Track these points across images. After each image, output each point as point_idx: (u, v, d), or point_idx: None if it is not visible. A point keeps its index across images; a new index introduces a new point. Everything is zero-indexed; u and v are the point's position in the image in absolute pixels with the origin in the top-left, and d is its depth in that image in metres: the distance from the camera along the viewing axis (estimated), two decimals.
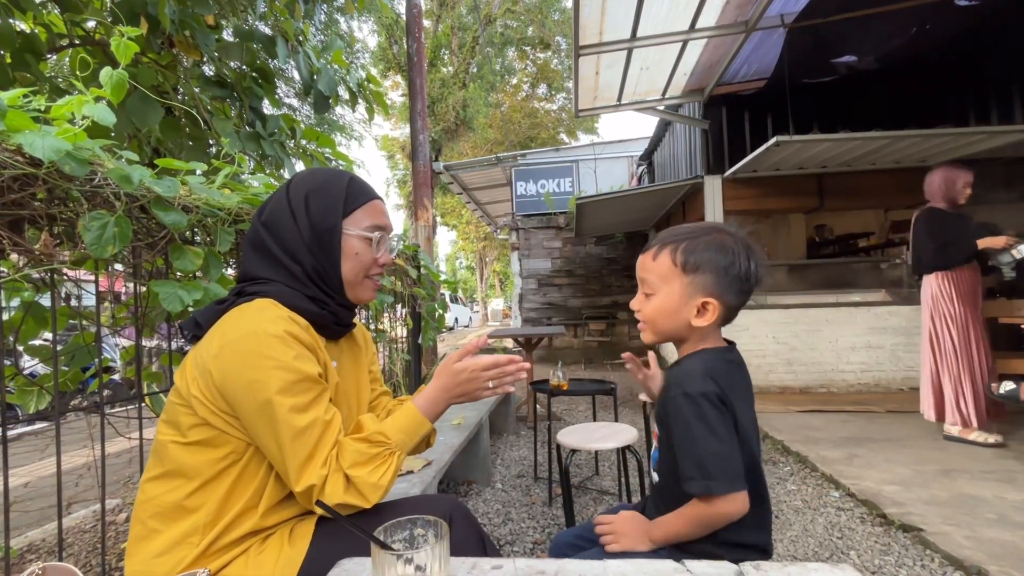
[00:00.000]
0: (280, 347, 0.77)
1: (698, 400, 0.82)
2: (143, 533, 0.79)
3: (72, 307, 1.07)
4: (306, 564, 0.79)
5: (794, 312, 4.62)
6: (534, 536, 2.12)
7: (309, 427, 0.77)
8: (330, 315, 0.89)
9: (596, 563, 0.67)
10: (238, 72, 2.42)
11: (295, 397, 0.77)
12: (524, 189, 9.17)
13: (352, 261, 0.90)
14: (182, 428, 0.79)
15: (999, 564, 1.65)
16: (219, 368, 0.76)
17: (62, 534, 1.06)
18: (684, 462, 0.82)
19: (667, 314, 0.89)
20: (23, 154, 0.78)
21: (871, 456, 2.77)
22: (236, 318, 0.80)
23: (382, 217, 0.95)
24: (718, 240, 0.87)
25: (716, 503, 0.79)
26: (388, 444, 0.84)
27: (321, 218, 0.88)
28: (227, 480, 0.80)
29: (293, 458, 0.76)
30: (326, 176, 0.92)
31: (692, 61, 4.35)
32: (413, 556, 0.55)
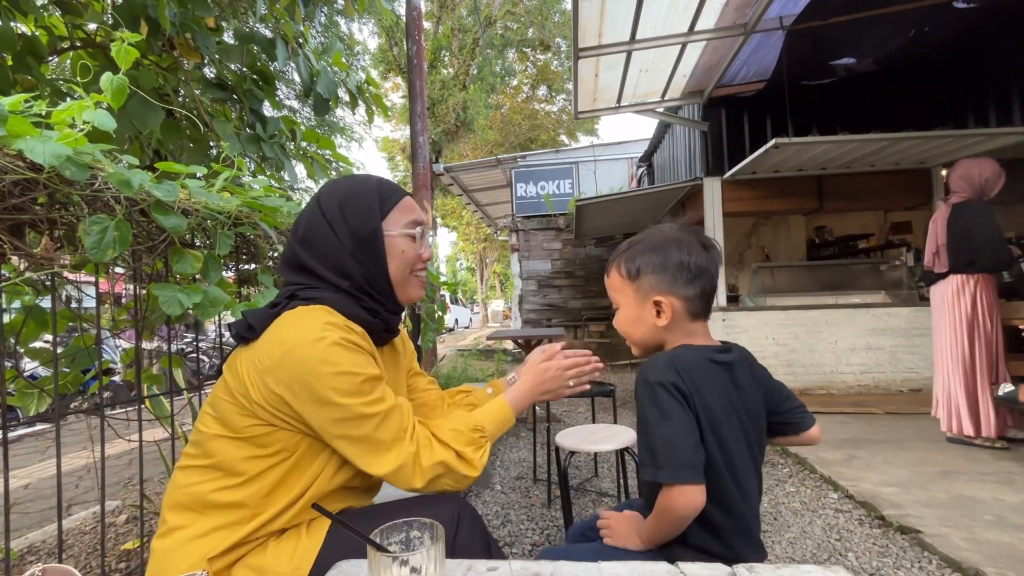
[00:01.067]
0: (343, 352, 0.78)
1: (654, 387, 0.83)
2: (182, 517, 0.80)
3: (72, 310, 1.08)
4: (322, 554, 0.81)
5: (794, 313, 4.63)
6: (533, 538, 2.12)
7: (388, 413, 0.81)
8: (381, 322, 0.91)
9: (591, 565, 0.68)
10: (238, 74, 2.43)
11: (366, 396, 0.79)
12: (524, 190, 9.18)
13: (398, 260, 0.91)
14: (234, 426, 0.80)
15: (997, 566, 1.65)
16: (283, 377, 0.77)
17: (62, 536, 1.07)
18: (639, 448, 0.85)
19: (633, 323, 0.94)
20: (24, 159, 0.79)
21: (870, 458, 2.77)
22: (295, 324, 0.80)
23: (417, 212, 0.96)
24: (651, 241, 0.92)
25: (668, 493, 0.79)
26: (484, 432, 0.91)
27: (361, 224, 0.88)
28: (272, 477, 0.82)
29: (378, 445, 0.80)
30: (354, 183, 0.92)
31: (691, 63, 4.35)
32: (408, 558, 0.56)
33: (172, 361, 1.40)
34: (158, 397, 1.49)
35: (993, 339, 2.79)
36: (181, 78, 2.25)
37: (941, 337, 2.92)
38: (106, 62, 2.08)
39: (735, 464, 0.84)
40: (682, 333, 0.92)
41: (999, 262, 2.75)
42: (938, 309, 2.94)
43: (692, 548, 0.85)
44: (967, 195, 2.82)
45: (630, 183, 9.30)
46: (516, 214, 9.05)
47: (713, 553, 0.84)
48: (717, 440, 0.83)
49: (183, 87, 2.28)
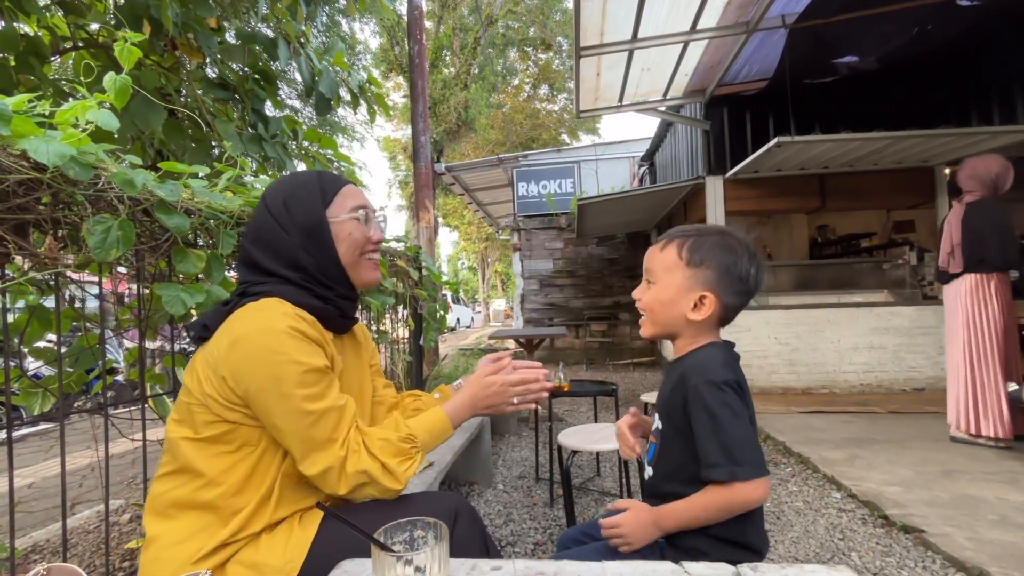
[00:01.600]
0: (289, 342, 0.79)
1: (722, 387, 0.84)
2: (161, 525, 0.81)
3: (76, 310, 1.08)
4: (314, 547, 0.82)
5: (796, 313, 4.62)
6: (535, 537, 2.12)
7: (325, 413, 0.81)
8: (334, 309, 0.92)
9: (594, 564, 0.68)
10: (240, 74, 2.43)
11: (308, 388, 0.80)
12: (526, 190, 9.17)
13: (346, 244, 0.92)
14: (195, 425, 0.81)
15: (1000, 565, 1.64)
16: (232, 366, 0.79)
17: (66, 534, 1.07)
18: (707, 448, 0.82)
19: (665, 303, 0.93)
20: (28, 159, 0.79)
21: (873, 457, 2.76)
22: (244, 317, 0.83)
23: (360, 197, 0.97)
24: (724, 241, 0.91)
25: (740, 488, 0.80)
26: (415, 443, 0.89)
27: (306, 216, 0.90)
28: (239, 473, 0.82)
29: (311, 443, 0.80)
30: (295, 178, 0.95)
31: (693, 62, 4.34)
32: (413, 558, 0.56)
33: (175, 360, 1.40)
34: (161, 396, 1.50)
35: (1007, 338, 2.76)
36: (183, 78, 2.25)
37: (955, 336, 2.88)
38: (108, 62, 2.08)
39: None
40: (702, 331, 0.93)
41: (1009, 260, 2.73)
42: (952, 308, 2.91)
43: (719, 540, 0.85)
44: (981, 193, 2.78)
45: (632, 182, 9.29)
46: (518, 213, 9.05)
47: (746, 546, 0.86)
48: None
49: (185, 87, 2.29)
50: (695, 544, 0.86)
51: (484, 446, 2.72)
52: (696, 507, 0.84)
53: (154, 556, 0.80)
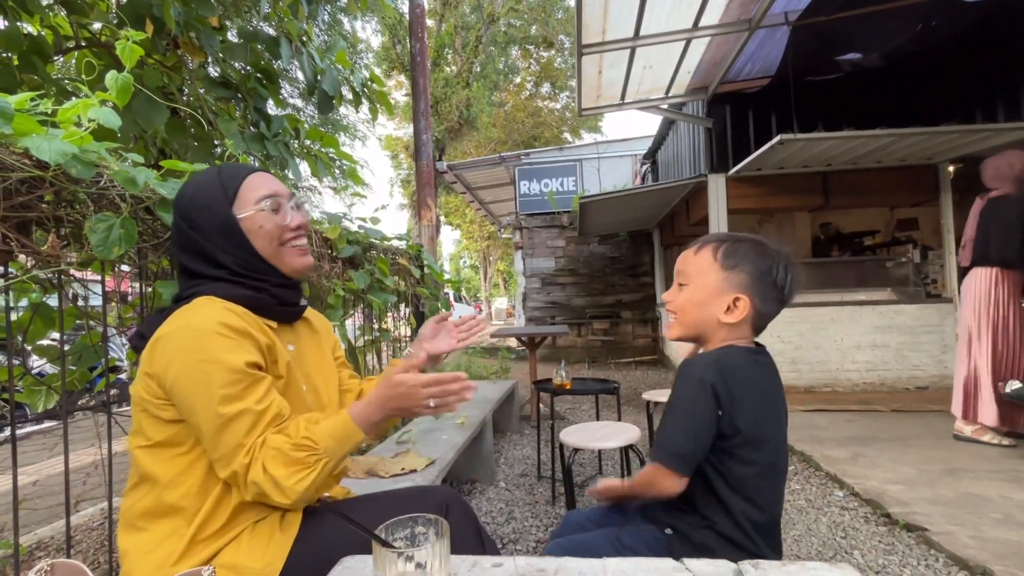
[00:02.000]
0: (207, 341, 0.78)
1: (693, 382, 0.87)
2: (131, 536, 0.82)
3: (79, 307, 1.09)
4: (295, 549, 0.82)
5: (799, 311, 4.60)
6: (537, 535, 2.13)
7: (239, 416, 0.77)
8: (270, 297, 0.91)
9: (595, 561, 0.68)
10: (242, 73, 2.44)
11: (226, 388, 0.77)
12: (528, 188, 9.16)
13: (261, 237, 0.90)
14: (146, 433, 0.81)
15: (1004, 564, 1.64)
16: (154, 364, 0.78)
17: (70, 531, 1.08)
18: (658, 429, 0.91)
19: (698, 304, 0.93)
20: (30, 157, 0.80)
21: (876, 456, 2.76)
22: (171, 318, 0.82)
23: (267, 186, 0.92)
24: (760, 247, 0.93)
25: (659, 472, 0.87)
26: (315, 450, 0.80)
27: (213, 218, 0.88)
28: (198, 472, 0.82)
29: (221, 447, 0.78)
30: (196, 180, 0.92)
31: (695, 59, 4.33)
32: (414, 554, 0.56)
33: None
34: None
35: (1012, 334, 2.75)
36: (185, 77, 2.25)
37: (963, 330, 2.91)
38: (111, 61, 2.08)
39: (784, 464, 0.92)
40: (729, 336, 0.93)
41: (1006, 257, 2.72)
42: (964, 304, 2.91)
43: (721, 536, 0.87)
44: (1006, 189, 2.76)
45: (634, 180, 9.27)
46: (519, 212, 9.04)
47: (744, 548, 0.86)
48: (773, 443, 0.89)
49: (187, 86, 2.29)
50: (702, 539, 0.87)
51: (486, 444, 2.72)
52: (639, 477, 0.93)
53: (128, 569, 0.80)
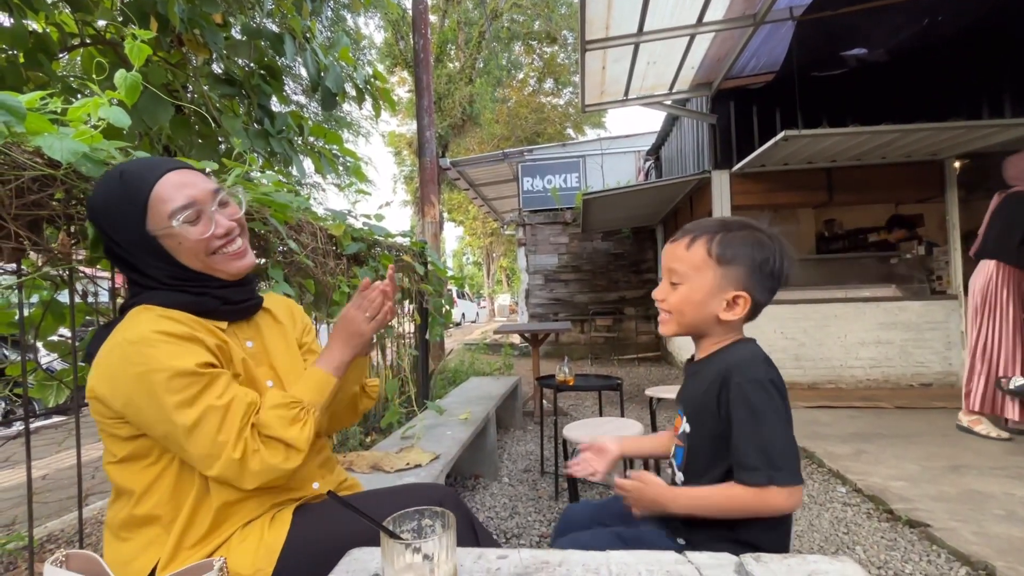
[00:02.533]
0: (146, 350, 0.74)
1: (767, 386, 0.80)
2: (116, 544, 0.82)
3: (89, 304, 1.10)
4: (285, 550, 0.82)
5: (803, 307, 4.60)
6: (540, 529, 2.14)
7: (202, 418, 0.75)
8: (212, 299, 0.86)
9: (599, 554, 0.69)
10: (246, 70, 2.45)
11: (176, 394, 0.74)
12: (531, 185, 9.15)
13: (184, 252, 0.82)
14: (111, 449, 0.81)
15: (1006, 560, 1.64)
16: (99, 386, 0.76)
17: (83, 523, 1.10)
18: (745, 448, 0.78)
19: (695, 305, 0.88)
20: (42, 156, 0.81)
21: (879, 452, 2.76)
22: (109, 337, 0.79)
23: (179, 195, 0.81)
24: (754, 236, 0.87)
25: (775, 494, 0.76)
26: (302, 404, 0.85)
27: (128, 236, 0.81)
28: (168, 480, 0.81)
29: (195, 450, 0.76)
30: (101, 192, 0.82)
31: (700, 55, 4.31)
32: (421, 546, 0.57)
33: None
34: None
35: (1006, 327, 2.80)
36: (190, 74, 2.26)
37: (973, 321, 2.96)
38: (116, 59, 2.10)
39: None
40: (731, 330, 0.91)
41: (1003, 251, 2.78)
42: (970, 295, 2.99)
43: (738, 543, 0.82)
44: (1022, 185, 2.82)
45: (637, 176, 9.25)
46: (523, 208, 9.04)
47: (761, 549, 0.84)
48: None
49: (192, 83, 2.30)
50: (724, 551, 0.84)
51: (490, 440, 2.73)
52: (718, 497, 0.81)
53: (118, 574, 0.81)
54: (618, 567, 0.66)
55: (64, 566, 0.67)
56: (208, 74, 2.40)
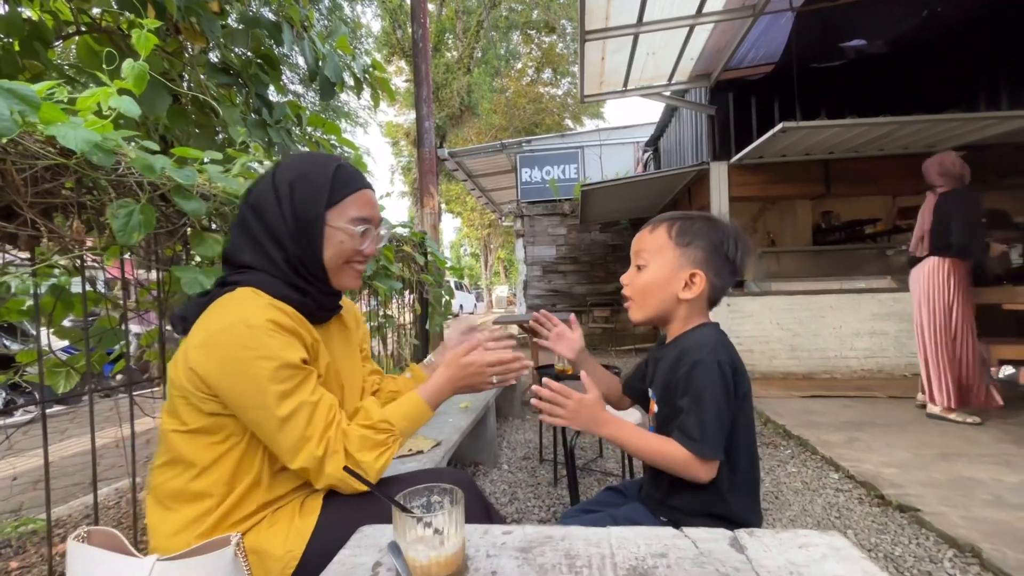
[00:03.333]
0: (261, 337, 0.78)
1: (714, 367, 0.87)
2: (160, 514, 0.84)
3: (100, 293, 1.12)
4: (315, 534, 0.84)
5: (799, 299, 4.64)
6: (540, 515, 2.19)
7: (296, 411, 0.79)
8: (312, 302, 0.90)
9: (599, 529, 0.72)
10: (243, 59, 2.43)
11: (279, 384, 0.78)
12: (529, 176, 9.14)
13: (335, 249, 0.90)
14: (182, 417, 0.82)
15: (992, 542, 1.69)
16: (202, 360, 0.78)
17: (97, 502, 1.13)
18: (688, 420, 0.86)
19: (656, 285, 0.95)
20: (53, 145, 0.82)
21: (871, 440, 2.81)
22: (218, 310, 0.82)
23: (368, 208, 0.93)
24: (712, 223, 0.95)
25: (698, 464, 0.85)
26: (392, 431, 0.88)
27: (304, 208, 0.87)
28: (229, 462, 0.83)
29: (284, 441, 0.80)
30: (312, 163, 0.91)
31: (699, 46, 4.31)
32: (432, 520, 0.60)
33: None
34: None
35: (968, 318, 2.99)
36: (186, 63, 2.25)
37: (921, 315, 3.12)
38: (112, 47, 2.09)
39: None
40: (693, 312, 0.96)
41: (966, 248, 2.95)
42: (916, 291, 3.16)
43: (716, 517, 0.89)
44: (952, 185, 3.03)
45: (636, 168, 9.24)
46: (521, 199, 9.04)
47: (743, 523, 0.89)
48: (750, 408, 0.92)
49: (188, 72, 2.29)
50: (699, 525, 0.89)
51: (489, 428, 2.77)
52: (654, 444, 0.88)
53: (155, 545, 0.83)
54: (618, 541, 0.69)
55: (86, 542, 0.69)
56: (205, 63, 2.39)
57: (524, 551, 0.67)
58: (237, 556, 0.71)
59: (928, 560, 1.70)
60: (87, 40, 2.16)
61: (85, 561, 0.68)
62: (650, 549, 0.66)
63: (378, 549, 0.69)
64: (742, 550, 0.66)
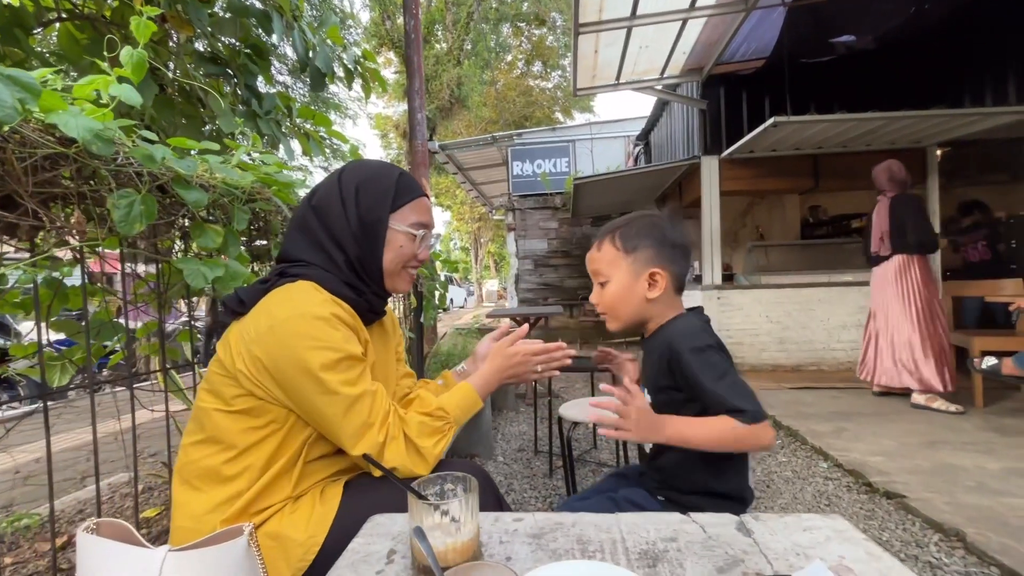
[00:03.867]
0: (326, 328, 0.82)
1: (713, 348, 0.89)
2: (188, 493, 0.84)
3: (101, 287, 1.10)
4: (336, 521, 0.85)
5: (787, 292, 4.70)
6: (537, 505, 2.21)
7: (360, 398, 0.83)
8: (365, 303, 0.94)
9: (609, 516, 0.73)
10: (232, 48, 2.38)
11: (343, 373, 0.82)
12: (520, 169, 9.12)
13: (394, 253, 0.95)
14: (225, 398, 0.84)
15: (976, 527, 1.75)
16: (268, 347, 0.81)
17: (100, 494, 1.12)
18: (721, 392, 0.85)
19: (623, 295, 0.98)
20: (52, 133, 0.80)
21: (859, 430, 2.87)
22: (282, 299, 0.84)
23: (427, 215, 0.99)
24: (648, 220, 0.98)
25: (764, 428, 0.84)
26: (448, 419, 0.93)
27: (369, 210, 0.92)
28: (268, 448, 0.85)
29: (348, 427, 0.83)
30: (378, 169, 0.97)
31: (691, 40, 4.32)
32: (448, 507, 0.61)
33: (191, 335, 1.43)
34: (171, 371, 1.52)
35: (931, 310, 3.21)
36: (173, 52, 2.20)
37: (889, 308, 3.32)
38: (94, 34, 2.04)
39: None
40: (666, 306, 0.99)
41: (924, 244, 3.22)
42: (880, 286, 3.40)
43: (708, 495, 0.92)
44: (899, 189, 3.32)
45: (627, 162, 9.27)
46: (512, 193, 9.02)
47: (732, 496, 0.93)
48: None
49: (175, 61, 2.24)
50: (697, 503, 0.92)
51: (485, 421, 2.79)
52: (710, 429, 0.85)
53: (184, 524, 0.83)
54: (628, 527, 0.70)
55: (95, 533, 0.69)
56: (192, 52, 2.33)
57: (536, 537, 0.68)
58: (250, 546, 0.71)
59: (915, 544, 1.75)
60: (68, 27, 2.11)
61: (95, 553, 0.68)
62: (660, 534, 0.68)
63: (391, 537, 0.70)
64: (749, 534, 0.67)
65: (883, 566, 0.59)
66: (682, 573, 0.59)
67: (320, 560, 0.82)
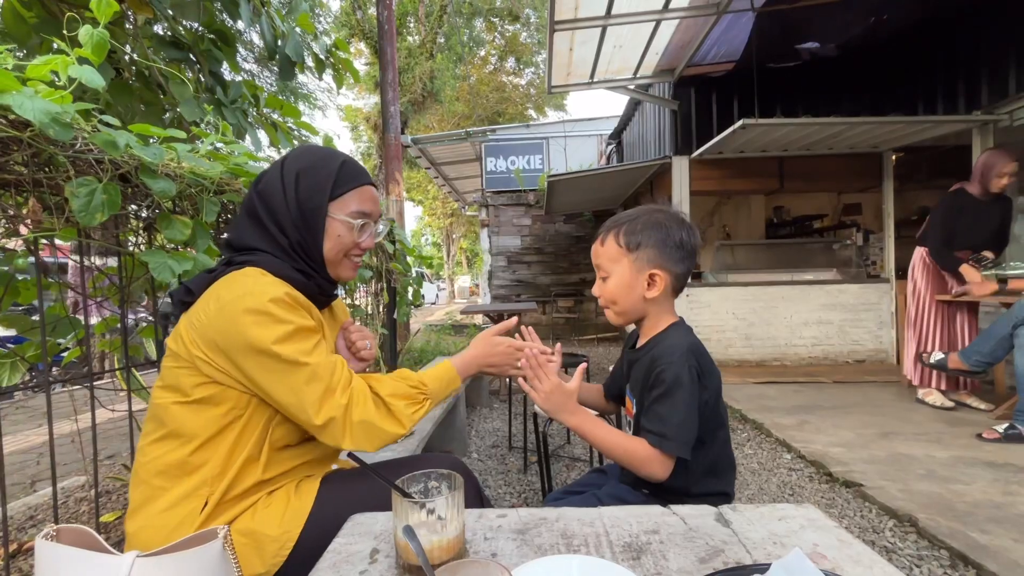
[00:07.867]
0: (274, 306, 0.80)
1: (683, 371, 0.89)
2: (148, 492, 0.81)
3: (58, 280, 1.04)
4: (312, 516, 0.84)
5: (753, 289, 4.86)
6: (511, 501, 2.22)
7: (319, 365, 0.82)
8: (315, 286, 0.93)
9: (591, 510, 0.74)
10: (195, 33, 2.28)
11: (299, 343, 0.81)
12: (494, 165, 9.09)
13: (333, 241, 0.93)
14: (184, 388, 0.82)
15: (927, 512, 1.85)
16: (220, 328, 0.79)
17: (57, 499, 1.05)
18: (650, 414, 0.89)
19: (623, 292, 0.98)
20: (5, 116, 0.75)
21: (820, 422, 3.00)
22: (230, 283, 0.83)
23: (369, 203, 0.97)
24: (654, 218, 0.97)
25: (656, 457, 0.86)
26: (424, 389, 0.92)
27: (308, 197, 0.90)
28: (230, 435, 0.83)
29: (309, 395, 0.81)
30: (319, 156, 0.95)
31: (664, 41, 4.39)
32: (433, 505, 0.60)
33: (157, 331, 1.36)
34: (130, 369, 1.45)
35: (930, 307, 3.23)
36: (129, 34, 2.09)
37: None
38: (43, 12, 1.92)
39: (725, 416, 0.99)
40: (662, 308, 1.00)
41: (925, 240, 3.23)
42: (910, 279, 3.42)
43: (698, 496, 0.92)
44: (970, 184, 3.06)
45: (599, 160, 9.36)
46: (486, 189, 8.98)
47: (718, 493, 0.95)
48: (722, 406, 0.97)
49: (133, 44, 2.12)
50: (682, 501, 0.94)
51: (459, 417, 2.77)
52: (612, 435, 0.90)
53: (143, 524, 0.80)
54: (611, 520, 0.71)
55: (55, 540, 0.65)
56: (151, 36, 2.22)
57: (521, 533, 0.68)
58: (225, 549, 0.68)
59: (871, 530, 1.84)
60: (14, 3, 1.97)
61: (56, 561, 0.64)
62: (642, 527, 0.69)
63: (373, 536, 0.69)
64: (727, 524, 0.69)
65: (854, 552, 0.61)
66: (666, 564, 0.60)
67: (295, 555, 0.81)
